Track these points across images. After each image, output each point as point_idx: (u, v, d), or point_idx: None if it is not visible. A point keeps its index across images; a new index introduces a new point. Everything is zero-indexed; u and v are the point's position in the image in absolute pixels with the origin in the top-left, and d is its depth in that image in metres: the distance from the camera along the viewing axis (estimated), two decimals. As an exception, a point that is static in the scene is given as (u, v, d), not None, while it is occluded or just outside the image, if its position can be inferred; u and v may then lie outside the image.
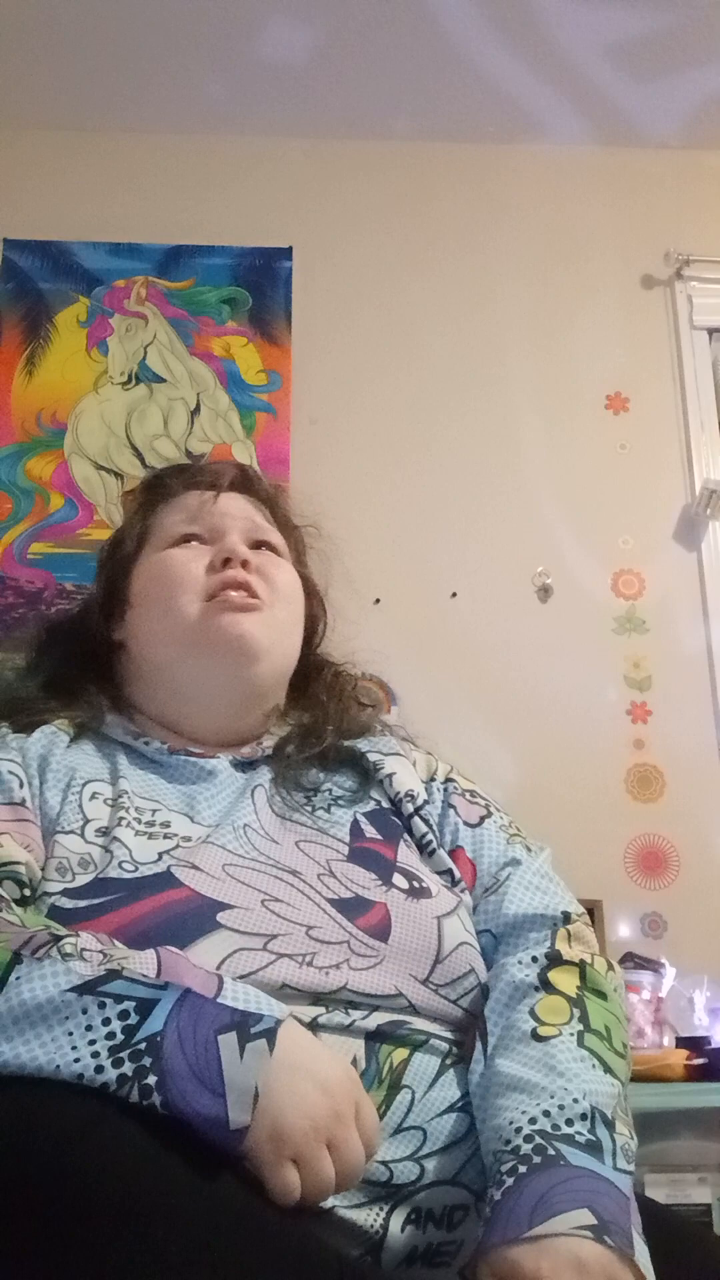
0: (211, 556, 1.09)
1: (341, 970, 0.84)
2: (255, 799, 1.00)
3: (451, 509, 2.57)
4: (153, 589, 1.10)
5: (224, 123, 2.76)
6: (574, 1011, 0.86)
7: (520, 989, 0.88)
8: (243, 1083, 0.67)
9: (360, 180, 2.80)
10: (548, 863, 1.03)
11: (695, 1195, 1.94)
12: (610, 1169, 0.75)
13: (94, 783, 0.98)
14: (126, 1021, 0.69)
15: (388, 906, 0.90)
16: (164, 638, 1.08)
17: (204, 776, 1.02)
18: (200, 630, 1.05)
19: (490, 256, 2.77)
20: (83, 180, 2.75)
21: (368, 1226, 0.75)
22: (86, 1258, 0.59)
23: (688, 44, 2.58)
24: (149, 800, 0.97)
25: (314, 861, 0.93)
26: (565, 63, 2.63)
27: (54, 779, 0.97)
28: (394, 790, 1.05)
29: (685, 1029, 2.11)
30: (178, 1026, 0.69)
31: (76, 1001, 0.70)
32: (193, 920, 0.83)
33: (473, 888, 0.99)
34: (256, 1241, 0.64)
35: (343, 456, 2.57)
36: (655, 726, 2.45)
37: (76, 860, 0.89)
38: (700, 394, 2.71)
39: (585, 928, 0.96)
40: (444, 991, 0.88)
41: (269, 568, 1.11)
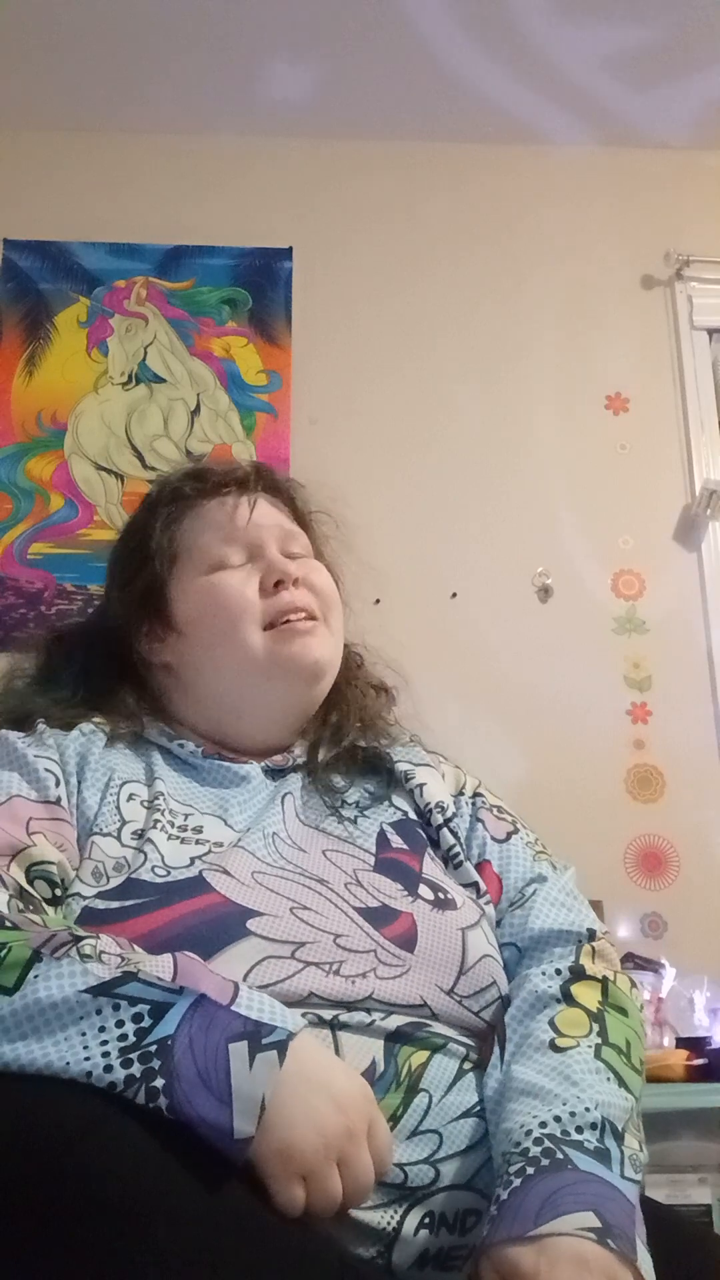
0: (261, 577, 1.08)
1: (368, 979, 0.84)
2: (284, 807, 1.01)
3: (451, 509, 2.57)
4: (208, 618, 1.08)
5: (224, 123, 2.76)
6: (593, 1025, 0.87)
7: (541, 999, 0.89)
8: (250, 1093, 0.67)
9: (360, 180, 2.80)
10: (572, 881, 1.04)
11: (695, 1195, 1.94)
12: (617, 1176, 0.75)
13: (131, 783, 0.98)
14: (140, 1024, 0.69)
15: (414, 917, 0.90)
16: (229, 668, 1.07)
17: (237, 781, 1.02)
18: (270, 660, 1.05)
19: (490, 256, 2.77)
20: (83, 180, 2.75)
21: (381, 1226, 0.76)
22: (87, 1258, 0.59)
23: (688, 46, 2.58)
24: (183, 804, 0.98)
25: (341, 870, 0.94)
26: (566, 63, 2.63)
27: (93, 778, 0.97)
28: (424, 801, 1.05)
29: (685, 1029, 2.11)
30: (189, 1031, 0.69)
31: (91, 1002, 0.70)
32: (223, 926, 0.84)
33: (498, 902, 1.00)
34: (257, 1242, 0.64)
35: (343, 456, 2.57)
36: (655, 726, 2.45)
37: (111, 864, 0.89)
38: (700, 394, 2.71)
39: (609, 946, 0.97)
40: (468, 1003, 0.88)
41: (311, 576, 1.12)
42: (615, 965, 0.96)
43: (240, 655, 1.06)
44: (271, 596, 1.07)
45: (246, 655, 1.05)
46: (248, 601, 1.07)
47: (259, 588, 1.08)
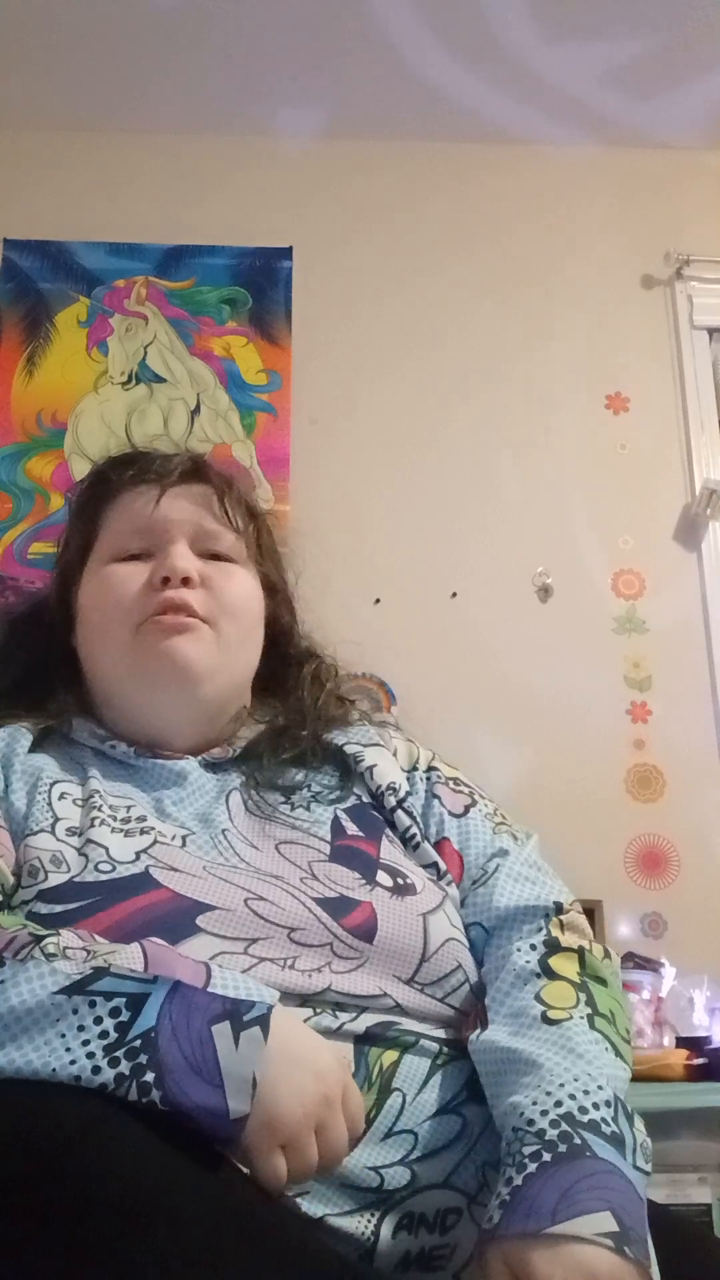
0: (150, 572, 1.03)
1: (324, 973, 0.83)
2: (230, 803, 0.98)
3: (451, 509, 2.57)
4: (92, 610, 1.06)
5: (224, 123, 2.76)
6: (580, 996, 0.86)
7: (522, 975, 0.88)
8: (240, 1072, 0.67)
9: (360, 180, 2.80)
10: (535, 850, 1.01)
11: (695, 1195, 1.94)
12: (630, 1167, 0.74)
13: (62, 783, 0.96)
14: (119, 1019, 0.68)
15: (373, 905, 0.88)
16: (104, 661, 1.05)
17: (174, 780, 0.99)
18: (135, 656, 1.01)
19: (490, 256, 2.77)
20: (83, 180, 2.75)
21: (359, 1234, 0.75)
22: (87, 1258, 0.59)
23: (688, 47, 2.58)
24: (122, 800, 0.95)
25: (294, 865, 0.92)
26: (566, 63, 2.63)
27: (19, 781, 0.95)
28: (375, 783, 1.02)
29: (685, 1029, 2.11)
30: (171, 1020, 0.68)
31: (66, 1003, 0.69)
32: (172, 923, 0.82)
33: (460, 880, 0.97)
34: (257, 1242, 0.64)
35: (343, 456, 2.57)
36: (655, 726, 2.45)
37: (48, 858, 0.87)
38: (700, 394, 2.71)
39: (578, 916, 0.95)
40: (430, 990, 0.87)
41: (217, 579, 1.05)
42: (587, 935, 0.94)
43: (111, 649, 1.03)
44: (156, 593, 1.02)
45: (115, 649, 1.02)
46: (126, 596, 1.03)
47: (147, 583, 1.03)
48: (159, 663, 1.00)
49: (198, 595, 1.03)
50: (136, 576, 1.04)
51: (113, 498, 1.10)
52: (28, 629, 1.15)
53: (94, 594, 1.06)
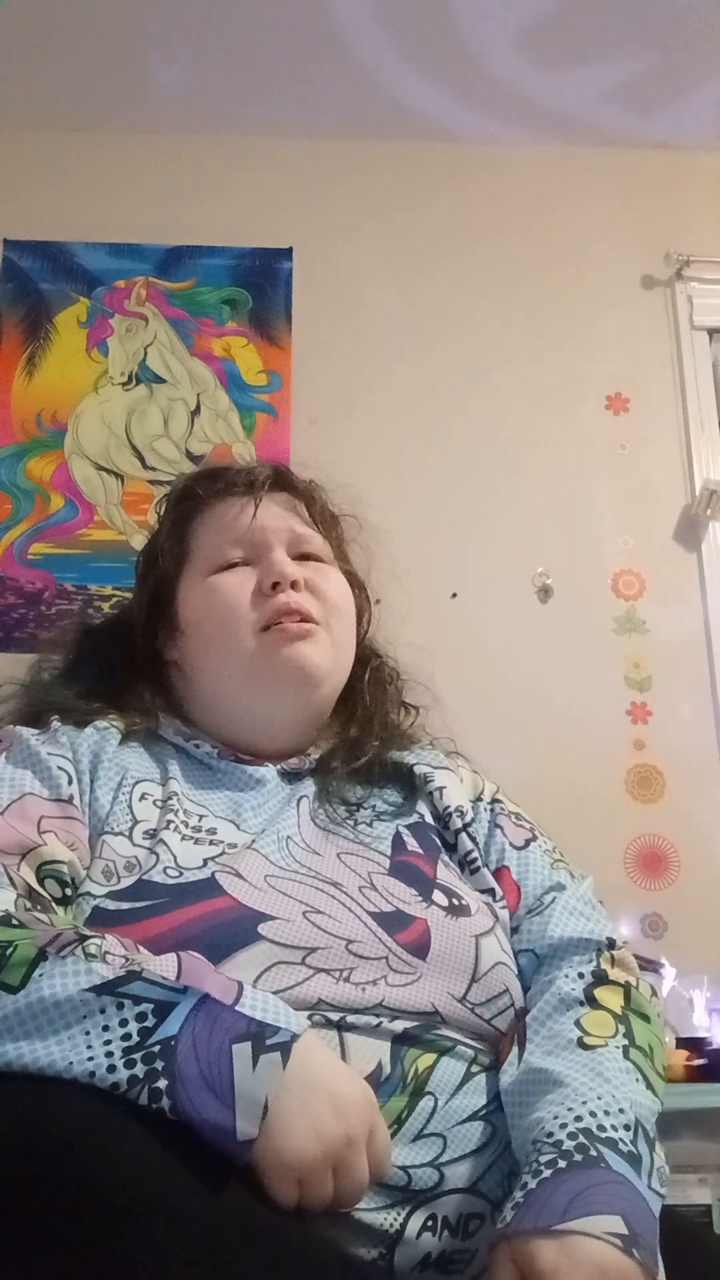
0: (258, 579, 1.07)
1: (379, 986, 0.84)
2: (300, 810, 1.00)
3: (451, 509, 2.57)
4: (205, 620, 1.08)
5: (224, 123, 2.76)
6: (619, 1028, 0.87)
7: (565, 1001, 0.89)
8: (253, 1094, 0.67)
9: (360, 180, 2.80)
10: (590, 890, 1.04)
11: (695, 1195, 1.94)
12: (645, 1186, 0.75)
13: (144, 783, 0.98)
14: (143, 1024, 0.69)
15: (428, 923, 0.90)
16: (222, 670, 1.07)
17: (252, 784, 1.02)
18: (260, 664, 1.04)
19: (490, 256, 2.76)
20: (83, 180, 2.75)
21: (384, 1227, 0.75)
22: (88, 1258, 0.59)
23: (689, 47, 2.58)
24: (197, 804, 0.97)
25: (355, 874, 0.93)
26: (567, 63, 2.63)
27: (105, 777, 0.97)
28: (443, 804, 1.05)
29: (685, 1029, 2.11)
30: (193, 1031, 0.68)
31: (95, 1001, 0.69)
32: (234, 930, 0.83)
33: (515, 909, 0.99)
34: (259, 1243, 0.64)
35: (343, 456, 2.54)
36: (655, 726, 2.45)
37: (123, 864, 0.89)
38: (700, 394, 2.71)
39: (628, 955, 0.98)
40: (479, 1011, 0.88)
41: (317, 581, 1.10)
42: (635, 974, 0.96)
43: (232, 658, 1.05)
44: (268, 599, 1.06)
45: (238, 658, 1.05)
46: (242, 604, 1.06)
47: (256, 589, 1.07)
48: (286, 668, 1.04)
49: (306, 598, 1.07)
50: (244, 584, 1.07)
51: (203, 511, 1.14)
52: (101, 642, 1.18)
53: (203, 604, 1.09)
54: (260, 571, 1.08)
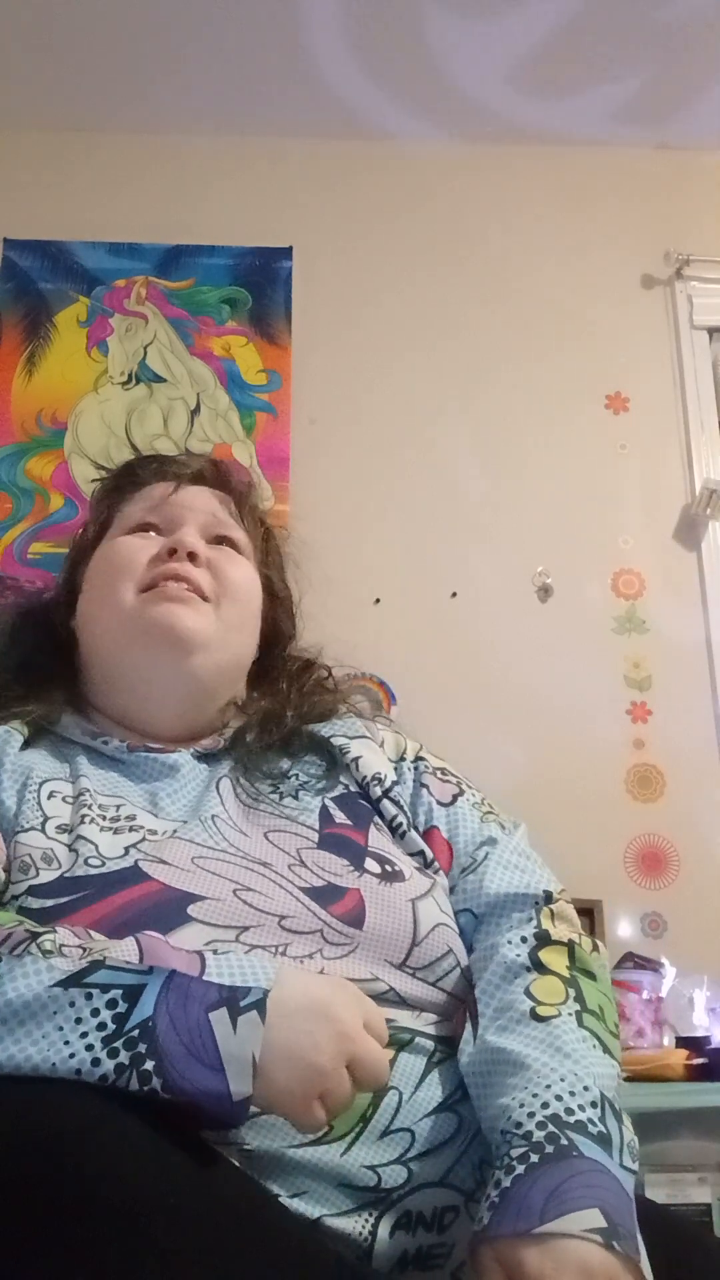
0: (160, 547, 1.07)
1: (315, 960, 0.83)
2: (221, 790, 0.99)
3: (451, 509, 2.57)
4: (97, 575, 1.09)
5: (224, 123, 2.76)
6: (569, 991, 0.86)
7: (512, 969, 0.88)
8: (240, 1054, 0.68)
9: (360, 180, 2.80)
10: (524, 840, 1.02)
11: (695, 1195, 1.94)
12: (617, 1166, 0.75)
13: (52, 781, 0.96)
14: (116, 1010, 0.68)
15: (361, 892, 0.89)
16: (103, 626, 1.06)
17: (166, 772, 1.00)
18: (133, 620, 1.03)
19: (490, 256, 2.77)
20: (83, 180, 2.75)
21: (356, 1234, 0.75)
22: (87, 1257, 0.59)
23: (689, 49, 2.58)
24: (112, 797, 0.96)
25: (284, 852, 0.92)
26: (566, 63, 2.62)
27: (9, 780, 0.95)
28: (360, 774, 1.03)
29: (685, 1029, 2.11)
30: (168, 1009, 0.68)
31: (63, 995, 0.69)
32: (163, 914, 0.82)
33: (449, 868, 0.98)
34: (257, 1242, 0.64)
35: (343, 456, 2.57)
36: (655, 726, 2.45)
37: (39, 855, 0.88)
38: (700, 394, 2.71)
39: (567, 906, 0.96)
40: (421, 975, 0.87)
41: (222, 563, 1.09)
42: (577, 926, 0.94)
43: (112, 613, 1.05)
44: (161, 564, 1.05)
45: (116, 612, 1.04)
46: (136, 563, 1.06)
47: (156, 556, 1.06)
48: (157, 627, 1.02)
49: (202, 574, 1.06)
50: (146, 547, 1.07)
51: (134, 489, 1.15)
52: (28, 623, 1.16)
53: (101, 562, 1.09)
54: (165, 541, 1.08)
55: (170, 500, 1.11)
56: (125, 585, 1.05)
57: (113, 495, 1.16)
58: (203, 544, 1.08)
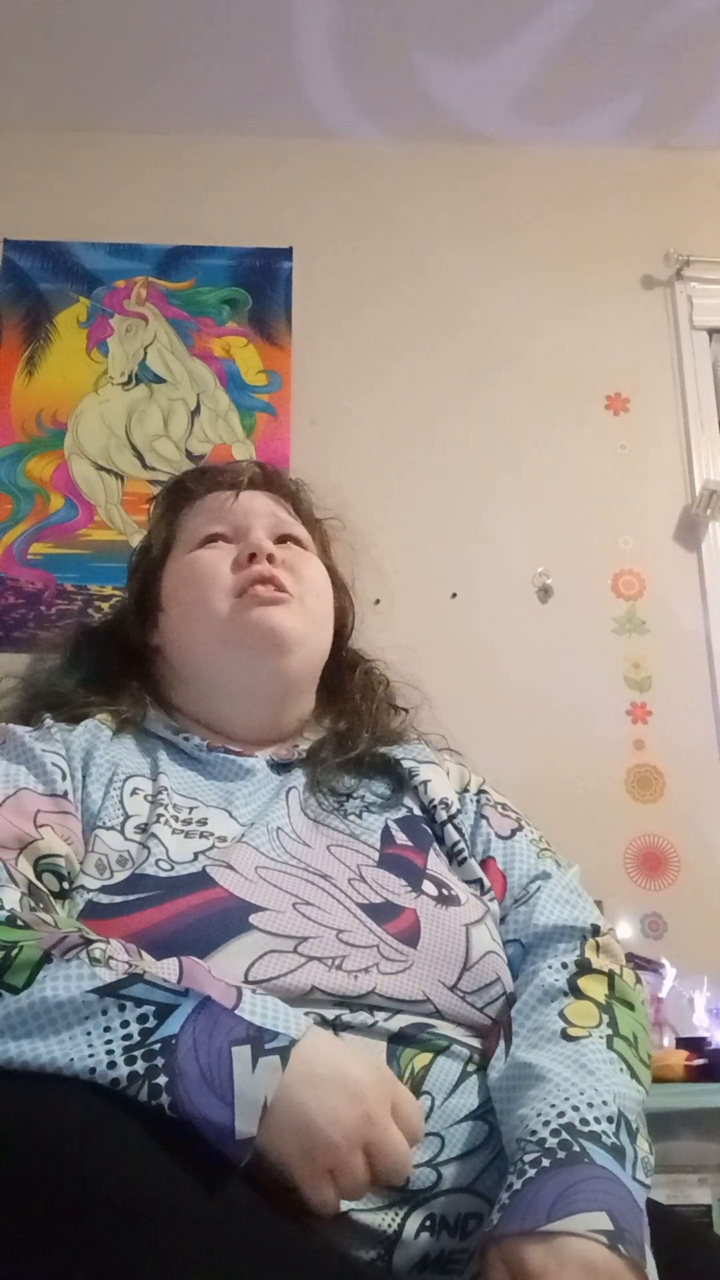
0: (236, 554, 1.11)
1: (370, 974, 0.84)
2: (289, 801, 1.01)
3: (451, 509, 2.57)
4: (182, 591, 1.12)
5: (224, 123, 2.76)
6: (603, 1017, 0.87)
7: (549, 993, 0.89)
8: (252, 1094, 0.67)
9: (360, 180, 2.80)
10: (576, 878, 1.04)
11: (695, 1195, 1.94)
12: (630, 1178, 0.75)
13: (135, 778, 0.99)
14: (144, 1024, 0.69)
15: (417, 913, 0.90)
16: (198, 638, 1.09)
17: (242, 774, 1.03)
18: (232, 627, 1.07)
19: (490, 257, 2.76)
20: (83, 180, 2.75)
21: (382, 1229, 0.75)
22: (87, 1257, 0.59)
23: (690, 50, 2.58)
24: (187, 797, 0.98)
25: (344, 866, 0.94)
26: (566, 63, 2.63)
27: (97, 773, 0.98)
28: (428, 798, 1.06)
29: (685, 1029, 2.11)
30: (194, 1033, 0.69)
31: (98, 1003, 0.70)
32: (226, 920, 0.84)
33: (502, 898, 1.00)
34: (259, 1242, 0.64)
35: (343, 456, 2.57)
36: (655, 726, 2.45)
37: (115, 858, 0.90)
38: (700, 394, 2.71)
39: (614, 942, 0.97)
40: (471, 999, 0.88)
41: (295, 561, 1.13)
42: (620, 960, 0.96)
43: (207, 624, 1.08)
44: (244, 569, 1.09)
45: (211, 623, 1.07)
46: (220, 573, 1.09)
47: (235, 562, 1.10)
48: (256, 630, 1.06)
49: (283, 573, 1.10)
50: (223, 557, 1.11)
51: (191, 503, 1.19)
52: (98, 637, 1.21)
53: (183, 576, 1.12)
54: (239, 547, 1.11)
55: (232, 509, 1.14)
56: (216, 595, 1.08)
57: (169, 513, 1.20)
58: (274, 545, 1.12)
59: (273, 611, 1.07)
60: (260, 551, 1.09)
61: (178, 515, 1.19)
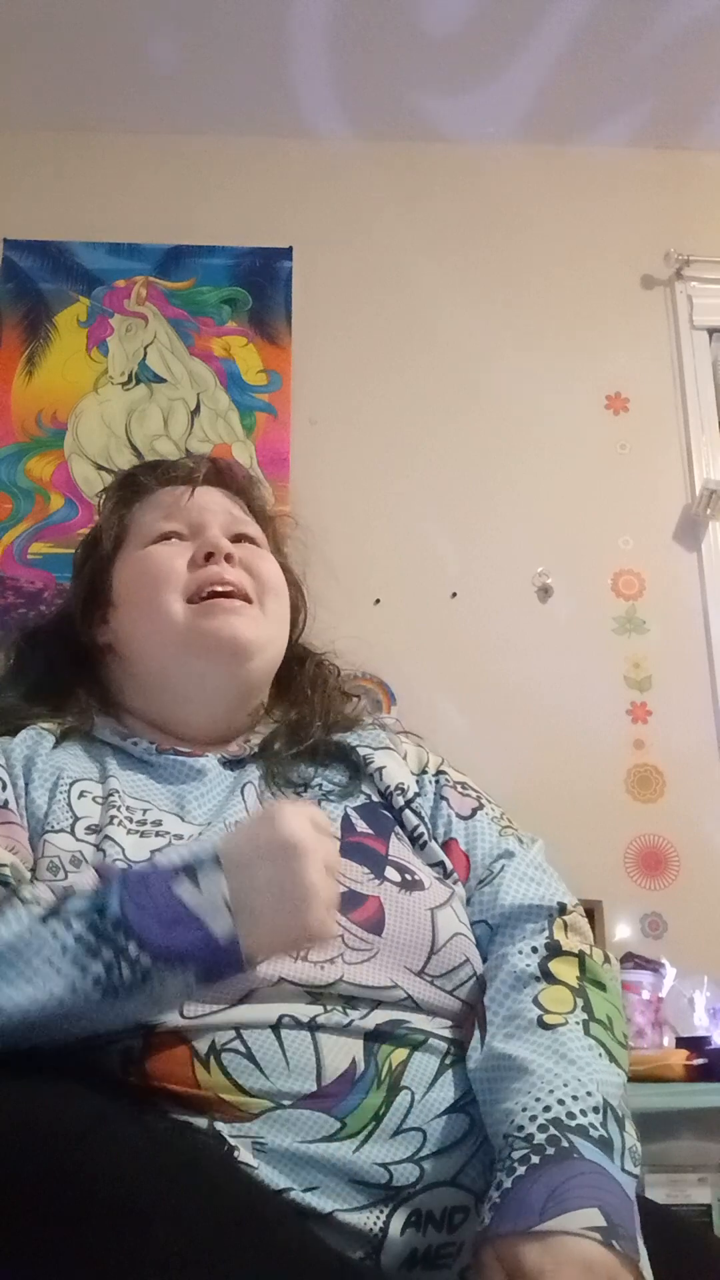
0: (193, 552, 1.08)
1: (336, 964, 0.84)
2: (245, 796, 1.00)
3: (451, 509, 2.57)
4: (136, 589, 1.09)
5: (224, 123, 2.76)
6: (577, 1001, 0.86)
7: (521, 978, 0.88)
8: (211, 902, 0.74)
9: (360, 180, 2.80)
10: (541, 854, 1.03)
11: (695, 1195, 1.94)
12: (618, 1170, 0.75)
13: (82, 781, 0.98)
14: (89, 921, 0.74)
15: (381, 900, 0.90)
16: (153, 639, 1.07)
17: (193, 775, 1.01)
18: (190, 633, 1.05)
19: (490, 257, 2.76)
20: (83, 180, 2.75)
21: (367, 1229, 0.75)
22: (87, 1258, 0.59)
23: (687, 46, 2.58)
24: (139, 800, 0.97)
25: None
26: (566, 63, 2.63)
27: (40, 779, 0.97)
28: (384, 784, 1.04)
29: (685, 1029, 2.11)
30: (133, 900, 0.74)
31: (44, 927, 0.74)
32: None
33: (466, 880, 0.99)
34: (257, 1242, 0.64)
35: (343, 456, 2.57)
36: (655, 726, 2.45)
37: (68, 858, 0.89)
38: (700, 394, 2.71)
39: (581, 919, 0.96)
40: (439, 983, 0.88)
41: (253, 560, 1.11)
42: (589, 938, 0.95)
43: (161, 626, 1.06)
44: (201, 569, 1.07)
45: (167, 626, 1.05)
46: (174, 572, 1.07)
47: (191, 561, 1.08)
48: (217, 639, 1.05)
49: (240, 574, 1.08)
50: (179, 554, 1.09)
51: (143, 497, 1.16)
52: (46, 634, 1.18)
53: (136, 572, 1.10)
54: (195, 545, 1.09)
55: (186, 505, 1.12)
56: (170, 596, 1.06)
57: (120, 506, 1.17)
58: (230, 544, 1.10)
59: (234, 621, 1.05)
60: (218, 550, 1.07)
61: (129, 509, 1.15)
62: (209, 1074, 0.77)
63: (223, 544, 1.08)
